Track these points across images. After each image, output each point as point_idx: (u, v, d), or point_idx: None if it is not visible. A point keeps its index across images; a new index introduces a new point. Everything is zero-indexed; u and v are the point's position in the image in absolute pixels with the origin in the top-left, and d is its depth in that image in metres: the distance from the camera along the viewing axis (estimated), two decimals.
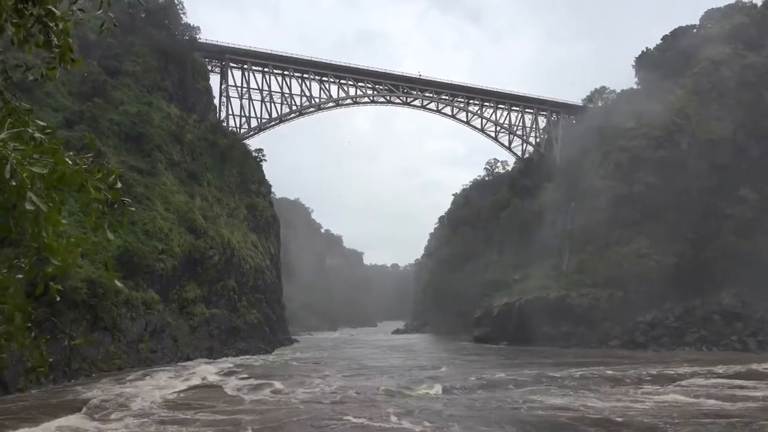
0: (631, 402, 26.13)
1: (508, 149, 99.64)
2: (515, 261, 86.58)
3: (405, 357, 57.17)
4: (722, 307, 62.20)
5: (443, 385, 31.98)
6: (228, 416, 23.75)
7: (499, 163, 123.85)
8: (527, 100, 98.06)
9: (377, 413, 23.63)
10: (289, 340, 76.84)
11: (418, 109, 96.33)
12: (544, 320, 68.27)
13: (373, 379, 36.03)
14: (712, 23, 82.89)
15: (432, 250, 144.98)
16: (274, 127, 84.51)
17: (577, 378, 34.63)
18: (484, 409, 25.37)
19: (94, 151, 3.58)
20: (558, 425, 21.63)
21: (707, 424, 20.64)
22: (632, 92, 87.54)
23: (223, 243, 60.66)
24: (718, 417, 21.94)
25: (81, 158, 3.48)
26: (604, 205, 73.77)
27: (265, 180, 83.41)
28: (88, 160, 3.49)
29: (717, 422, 21.00)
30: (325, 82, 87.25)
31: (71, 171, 3.36)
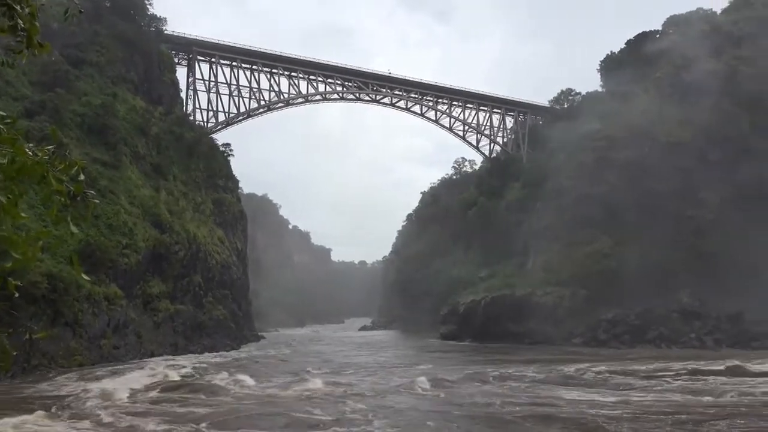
0: (590, 399, 26.66)
1: (475, 149, 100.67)
2: (482, 259, 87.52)
3: (372, 353, 57.35)
4: (681, 306, 63.85)
5: (408, 381, 32.16)
6: (187, 411, 23.56)
7: (467, 162, 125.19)
8: (495, 100, 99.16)
9: (342, 409, 23.67)
10: (255, 337, 76.28)
11: (388, 106, 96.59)
12: (510, 318, 69.20)
13: (340, 375, 36.04)
14: (674, 29, 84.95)
15: (400, 247, 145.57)
16: (242, 122, 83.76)
17: (545, 374, 35.20)
18: (453, 405, 25.63)
19: (56, 142, 3.49)
20: (531, 420, 21.96)
21: (656, 421, 21.12)
22: (597, 95, 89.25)
23: (188, 238, 59.86)
24: (670, 414, 22.50)
25: (42, 149, 3.43)
26: (569, 205, 75.00)
27: (233, 175, 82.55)
28: (50, 152, 3.44)
29: (665, 419, 21.50)
30: (294, 78, 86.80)
31: (32, 162, 3.31)
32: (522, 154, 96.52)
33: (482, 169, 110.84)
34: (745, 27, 78.93)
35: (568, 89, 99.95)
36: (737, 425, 20.05)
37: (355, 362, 47.06)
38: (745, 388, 29.37)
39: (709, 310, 62.58)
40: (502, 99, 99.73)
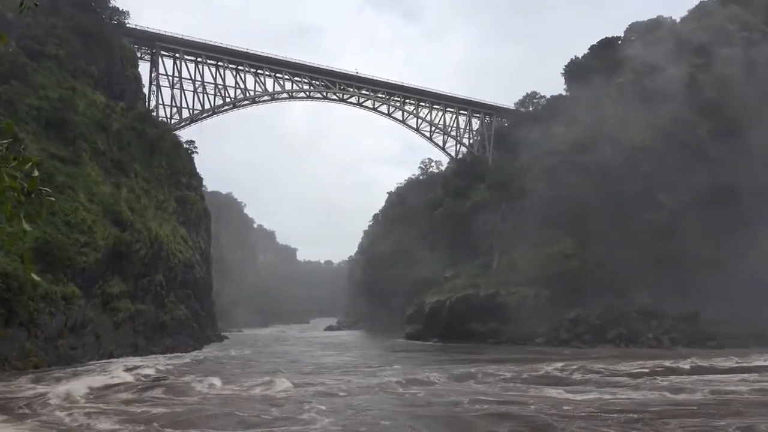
0: (555, 397, 27.05)
1: (442, 149, 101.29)
2: (447, 259, 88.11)
3: (338, 354, 57.22)
4: (640, 307, 65.44)
5: (373, 381, 32.16)
6: (143, 411, 23.22)
7: (434, 163, 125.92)
8: (461, 102, 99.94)
9: (301, 409, 23.52)
10: (218, 337, 75.28)
11: (355, 106, 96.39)
12: (474, 318, 69.86)
13: (305, 375, 35.80)
14: (635, 36, 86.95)
15: (366, 247, 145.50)
16: (206, 119, 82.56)
17: (513, 373, 35.58)
18: (417, 404, 25.72)
19: (11, 136, 3.29)
20: (488, 419, 22.15)
21: (607, 420, 21.48)
22: (562, 98, 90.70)
23: (150, 236, 58.64)
24: (625, 412, 22.90)
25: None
26: (533, 206, 76.09)
27: (196, 173, 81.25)
28: (3, 147, 3.29)
29: (616, 417, 21.89)
30: (260, 75, 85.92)
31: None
32: (488, 155, 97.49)
33: (448, 170, 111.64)
34: (704, 36, 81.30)
35: (533, 92, 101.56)
36: (688, 425, 20.39)
37: (322, 363, 46.86)
38: (702, 385, 30.26)
39: (666, 311, 64.27)
40: (469, 100, 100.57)
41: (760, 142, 71.16)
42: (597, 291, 66.03)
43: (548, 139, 79.17)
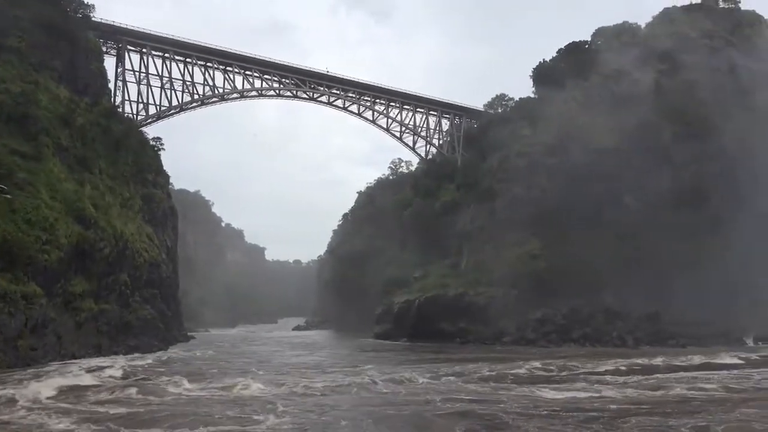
0: (523, 395, 27.39)
1: (412, 150, 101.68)
2: (416, 259, 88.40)
3: (307, 353, 56.95)
4: (605, 307, 66.73)
5: (337, 381, 32.06)
6: (102, 413, 22.82)
7: (403, 163, 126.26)
8: (432, 103, 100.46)
9: (261, 409, 23.37)
10: (184, 337, 74.17)
11: (325, 105, 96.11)
12: (443, 317, 70.23)
13: (271, 375, 35.44)
14: (602, 40, 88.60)
15: (335, 246, 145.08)
16: (173, 116, 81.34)
17: (479, 372, 35.90)
18: (386, 404, 25.74)
19: None
20: (448, 417, 22.31)
21: (567, 419, 21.78)
22: (530, 101, 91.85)
23: (115, 235, 57.46)
24: (582, 410, 23.26)
25: None
26: (501, 207, 76.95)
27: (163, 170, 79.88)
28: None
29: (576, 415, 22.21)
30: (229, 72, 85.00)
31: None
32: (457, 156, 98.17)
33: (418, 170, 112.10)
34: (667, 42, 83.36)
35: (502, 94, 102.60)
36: (644, 424, 20.62)
37: (289, 362, 46.54)
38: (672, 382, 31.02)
39: (630, 310, 65.69)
40: (439, 101, 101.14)
41: (722, 147, 73.37)
42: (564, 291, 67.08)
43: (516, 140, 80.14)
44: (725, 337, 59.96)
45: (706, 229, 68.82)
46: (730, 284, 62.61)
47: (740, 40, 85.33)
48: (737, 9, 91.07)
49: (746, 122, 75.64)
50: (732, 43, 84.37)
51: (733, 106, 77.13)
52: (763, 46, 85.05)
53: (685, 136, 72.86)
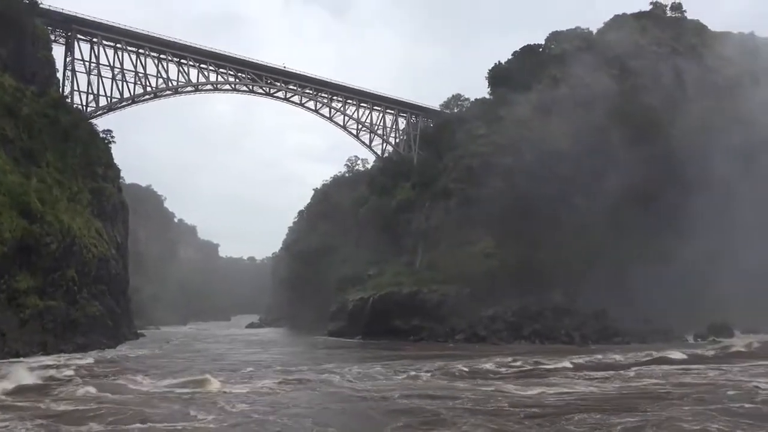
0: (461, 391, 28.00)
1: (368, 147, 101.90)
2: (371, 257, 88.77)
3: (260, 351, 56.63)
4: (554, 304, 68.46)
5: (289, 379, 32.07)
6: (41, 410, 22.53)
7: (360, 161, 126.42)
8: (389, 101, 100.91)
9: (205, 407, 23.33)
10: (134, 335, 72.60)
11: (282, 101, 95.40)
12: (397, 315, 70.81)
13: (219, 373, 34.94)
14: (555, 44, 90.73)
15: (290, 243, 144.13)
16: (125, 108, 79.41)
17: (428, 369, 36.42)
18: (337, 401, 25.97)
19: None
20: (391, 414, 22.66)
21: (510, 415, 22.32)
22: (485, 101, 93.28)
23: (62, 229, 55.78)
24: (528, 406, 23.82)
25: None
26: (455, 206, 78.05)
27: (114, 164, 77.87)
28: None
29: (520, 411, 22.81)
30: (184, 65, 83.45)
31: None
32: (413, 155, 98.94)
33: (374, 169, 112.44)
34: (617, 48, 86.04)
35: (458, 94, 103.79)
36: (586, 421, 21.08)
37: (241, 360, 46.23)
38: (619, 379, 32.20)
39: (578, 308, 67.64)
40: (396, 100, 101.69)
41: (670, 149, 76.40)
42: (516, 289, 68.62)
43: (472, 141, 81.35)
44: (667, 334, 62.32)
45: (654, 229, 71.55)
46: (676, 283, 65.10)
47: (685, 48, 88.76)
48: (683, 18, 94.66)
49: (691, 126, 79.05)
50: (678, 51, 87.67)
51: (678, 111, 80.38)
52: (706, 55, 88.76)
53: (634, 139, 75.30)
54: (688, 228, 69.68)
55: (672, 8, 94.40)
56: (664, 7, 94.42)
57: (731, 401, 24.60)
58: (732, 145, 75.42)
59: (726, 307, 65.96)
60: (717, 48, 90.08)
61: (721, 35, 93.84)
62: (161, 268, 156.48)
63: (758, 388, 28.26)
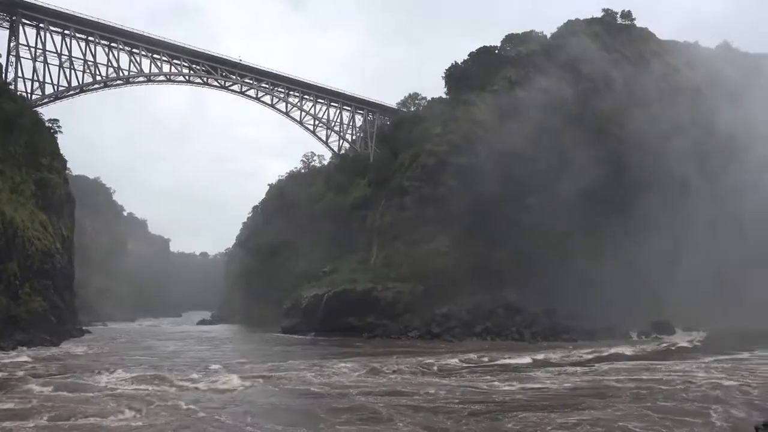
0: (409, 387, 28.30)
1: (325, 144, 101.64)
2: (327, 254, 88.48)
3: (208, 348, 55.77)
4: (506, 302, 69.65)
5: (235, 376, 31.71)
6: None
7: (316, 157, 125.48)
8: (346, 98, 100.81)
9: (145, 410, 22.86)
10: (79, 331, 70.39)
11: (237, 94, 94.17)
12: (351, 312, 70.80)
13: (160, 371, 34.16)
14: (510, 47, 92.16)
15: (244, 239, 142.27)
16: (73, 97, 76.99)
17: (379, 366, 36.56)
18: (281, 399, 25.86)
19: None
20: (330, 411, 22.77)
21: (452, 412, 22.62)
22: (441, 101, 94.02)
23: (3, 221, 53.68)
24: (473, 403, 24.20)
25: None
26: (411, 204, 78.52)
27: (60, 154, 75.29)
28: None
29: (462, 408, 23.15)
30: (135, 55, 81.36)
31: None
32: (369, 152, 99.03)
33: (331, 165, 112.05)
34: (570, 52, 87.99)
35: (414, 93, 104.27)
36: (528, 419, 21.43)
37: (192, 357, 45.41)
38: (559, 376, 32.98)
39: (528, 306, 69.03)
40: (353, 97, 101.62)
41: (618, 152, 78.87)
42: (469, 287, 69.54)
43: (428, 140, 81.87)
44: (613, 331, 64.22)
45: (606, 230, 73.57)
46: (626, 282, 67.21)
47: (634, 54, 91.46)
48: (633, 26, 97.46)
49: (641, 131, 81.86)
50: (627, 57, 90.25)
51: (628, 116, 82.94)
52: (653, 62, 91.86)
53: (587, 142, 77.20)
54: (640, 229, 72.03)
55: (622, 16, 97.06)
56: (614, 15, 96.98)
57: (665, 398, 25.39)
58: (681, 150, 78.75)
59: (670, 305, 68.75)
60: (664, 56, 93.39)
61: (667, 44, 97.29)
62: (109, 262, 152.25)
63: (690, 383, 29.48)
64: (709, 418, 21.82)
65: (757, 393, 26.88)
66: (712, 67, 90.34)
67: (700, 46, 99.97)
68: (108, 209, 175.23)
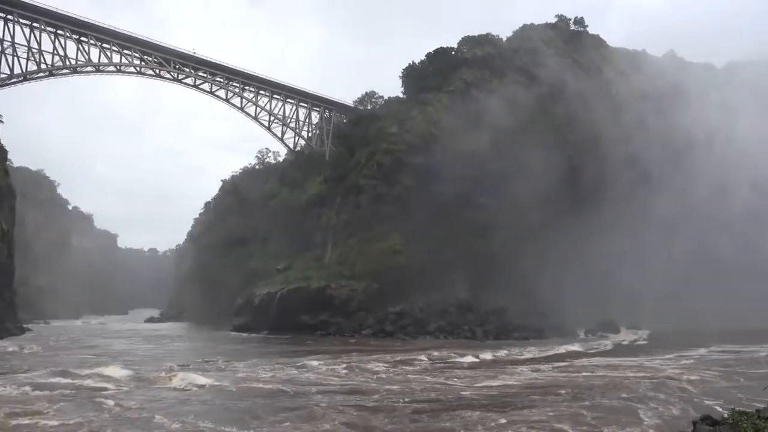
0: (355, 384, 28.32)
1: (280, 140, 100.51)
2: (280, 251, 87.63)
3: (155, 347, 54.54)
4: (458, 301, 70.42)
5: (182, 375, 31.11)
6: None
7: (271, 153, 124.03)
8: (302, 94, 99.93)
9: (84, 408, 22.41)
10: (19, 329, 67.79)
11: (191, 88, 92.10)
12: (304, 310, 70.35)
13: (106, 369, 33.03)
14: (467, 48, 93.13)
15: (196, 236, 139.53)
16: (15, 85, 73.71)
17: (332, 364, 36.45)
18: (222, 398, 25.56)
19: None
20: (267, 410, 22.66)
21: (395, 411, 22.76)
22: (398, 100, 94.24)
23: None
24: (418, 402, 24.43)
25: None
26: (366, 202, 78.49)
27: (0, 144, 72.23)
28: None
29: (405, 407, 23.36)
30: (84, 43, 78.57)
31: None
32: (325, 149, 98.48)
33: (286, 162, 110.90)
34: (524, 56, 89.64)
35: (372, 91, 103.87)
36: (468, 419, 21.66)
37: (137, 355, 44.28)
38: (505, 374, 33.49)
39: (480, 305, 70.01)
40: (310, 94, 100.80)
41: (569, 156, 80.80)
42: (423, 285, 70.00)
43: (384, 138, 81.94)
44: (562, 329, 65.78)
45: (556, 231, 75.16)
46: (575, 281, 68.88)
47: (586, 61, 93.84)
48: (585, 33, 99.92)
49: (589, 136, 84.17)
50: (579, 63, 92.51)
51: (579, 120, 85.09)
52: (604, 69, 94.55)
53: (539, 144, 78.70)
54: (593, 230, 73.86)
55: (575, 22, 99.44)
56: (568, 21, 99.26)
57: (603, 397, 25.95)
58: (631, 154, 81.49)
59: (618, 304, 71.08)
60: (614, 63, 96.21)
61: (617, 51, 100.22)
62: (53, 258, 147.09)
63: (630, 381, 30.40)
64: (644, 416, 22.25)
65: (695, 390, 27.93)
66: (660, 75, 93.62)
67: (648, 54, 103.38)
68: (52, 203, 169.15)
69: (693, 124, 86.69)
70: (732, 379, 31.52)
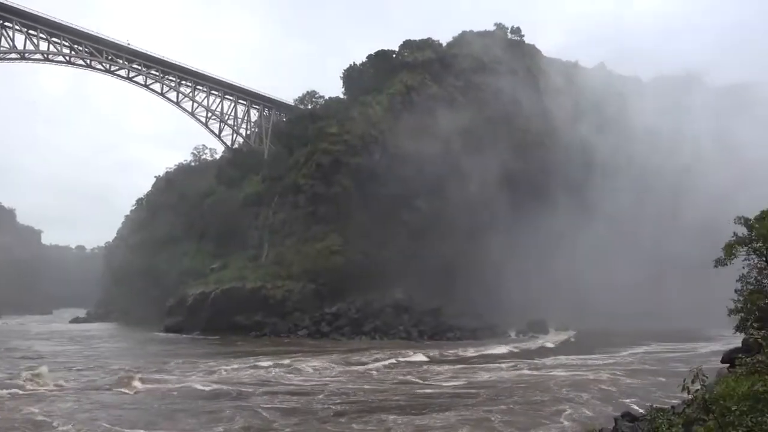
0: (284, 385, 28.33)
1: (217, 137, 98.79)
2: (215, 250, 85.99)
3: (81, 348, 52.54)
4: (394, 301, 70.98)
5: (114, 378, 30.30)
6: None
7: (207, 150, 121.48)
8: (241, 91, 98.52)
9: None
10: None
11: (124, 80, 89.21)
12: (239, 310, 69.28)
13: (27, 371, 31.89)
14: (408, 52, 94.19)
15: (127, 233, 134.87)
16: None
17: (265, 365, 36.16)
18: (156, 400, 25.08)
19: None
20: (204, 414, 22.44)
21: (319, 411, 23.07)
22: (338, 101, 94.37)
23: None
24: (346, 403, 24.70)
25: None
26: (304, 202, 78.09)
27: None
28: None
29: (329, 409, 23.61)
30: (8, 29, 74.78)
31: None
32: (264, 148, 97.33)
33: (223, 159, 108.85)
34: (464, 62, 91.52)
35: (312, 91, 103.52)
36: (384, 422, 21.72)
37: (60, 358, 42.54)
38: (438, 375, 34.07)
39: (416, 305, 70.85)
40: (249, 91, 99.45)
41: (504, 160, 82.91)
42: (360, 286, 70.20)
43: (323, 138, 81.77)
44: (494, 330, 67.43)
45: (494, 233, 76.94)
46: (510, 283, 70.75)
47: (522, 68, 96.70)
48: (522, 42, 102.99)
49: (526, 141, 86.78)
50: (515, 71, 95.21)
51: (515, 127, 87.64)
52: (539, 77, 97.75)
53: (473, 149, 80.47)
54: (528, 234, 75.94)
55: (512, 31, 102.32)
56: (505, 30, 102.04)
57: (520, 399, 26.49)
58: (568, 161, 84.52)
59: (550, 305, 73.30)
60: (548, 72, 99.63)
61: (552, 61, 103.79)
62: None
63: (550, 382, 31.53)
64: (564, 417, 22.73)
65: (615, 389, 29.22)
66: (591, 86, 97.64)
67: (580, 65, 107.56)
68: None
69: (624, 133, 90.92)
70: (650, 379, 32.95)
